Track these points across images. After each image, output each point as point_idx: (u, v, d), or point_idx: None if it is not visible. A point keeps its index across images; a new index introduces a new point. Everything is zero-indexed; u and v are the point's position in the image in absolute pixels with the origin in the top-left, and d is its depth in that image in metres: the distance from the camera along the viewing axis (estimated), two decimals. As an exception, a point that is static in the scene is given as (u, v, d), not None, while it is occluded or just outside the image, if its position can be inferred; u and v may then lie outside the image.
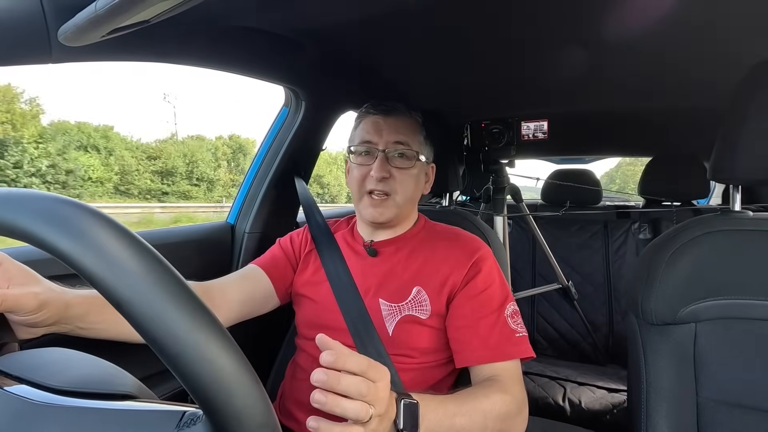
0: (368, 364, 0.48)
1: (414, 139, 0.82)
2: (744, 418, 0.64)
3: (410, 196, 0.83)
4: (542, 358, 1.80)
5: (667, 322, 0.69)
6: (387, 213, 0.80)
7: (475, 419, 0.60)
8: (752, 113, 0.67)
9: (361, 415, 0.46)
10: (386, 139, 0.80)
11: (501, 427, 0.63)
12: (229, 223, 1.21)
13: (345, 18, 0.84)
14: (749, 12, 0.78)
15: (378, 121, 0.82)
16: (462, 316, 0.75)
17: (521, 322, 0.76)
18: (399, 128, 0.81)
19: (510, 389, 0.67)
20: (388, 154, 0.80)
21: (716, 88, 1.18)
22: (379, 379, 0.48)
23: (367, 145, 0.81)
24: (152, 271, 0.27)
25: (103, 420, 0.34)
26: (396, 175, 0.80)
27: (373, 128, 0.81)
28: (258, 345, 1.07)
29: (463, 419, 0.59)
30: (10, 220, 0.27)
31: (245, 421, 0.27)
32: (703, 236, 0.69)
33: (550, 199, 2.01)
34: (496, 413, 0.63)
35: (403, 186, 0.80)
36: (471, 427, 0.60)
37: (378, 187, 0.79)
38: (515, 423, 0.66)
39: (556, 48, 0.97)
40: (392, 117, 0.82)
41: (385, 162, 0.79)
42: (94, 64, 0.70)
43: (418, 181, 0.84)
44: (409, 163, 0.81)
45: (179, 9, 0.44)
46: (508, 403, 0.65)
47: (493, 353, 0.71)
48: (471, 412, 0.61)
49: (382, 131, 0.80)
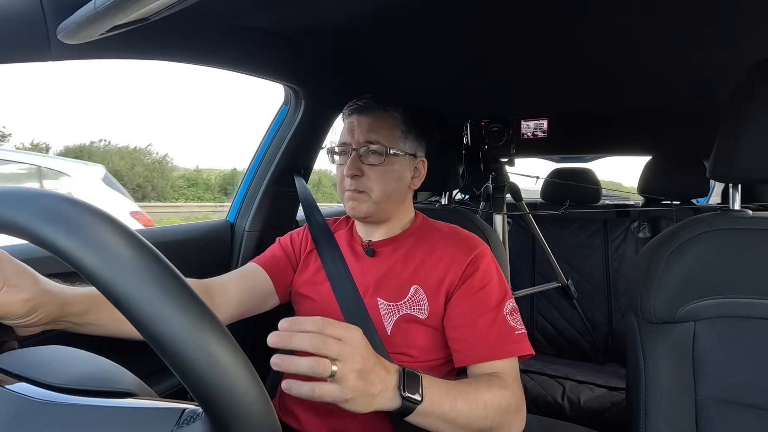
0: (325, 322, 0.50)
1: (388, 134, 0.82)
2: (742, 417, 0.64)
3: (388, 192, 0.82)
4: (541, 357, 1.80)
5: (666, 321, 0.69)
6: (362, 207, 0.81)
7: (476, 407, 0.61)
8: (752, 112, 0.67)
9: (317, 369, 0.47)
10: (357, 138, 0.81)
11: (501, 420, 0.63)
12: (228, 221, 1.21)
13: (345, 16, 0.84)
14: (749, 12, 0.78)
15: (353, 121, 0.83)
16: (460, 315, 0.75)
17: (520, 319, 0.76)
18: (371, 126, 0.82)
19: (509, 387, 0.68)
20: (360, 153, 0.81)
21: (716, 86, 1.18)
22: (344, 337, 0.50)
23: (342, 146, 0.84)
24: (151, 269, 0.27)
25: (102, 417, 0.34)
26: (369, 172, 0.80)
27: (348, 129, 0.83)
28: (258, 343, 1.06)
29: (465, 404, 0.60)
30: (10, 217, 0.27)
31: (245, 419, 0.27)
32: (702, 235, 0.69)
33: (550, 198, 2.01)
34: (496, 405, 0.63)
35: (377, 182, 0.80)
36: (471, 413, 0.61)
37: (352, 186, 0.80)
38: (514, 420, 0.66)
39: (556, 46, 0.97)
40: (364, 115, 0.83)
41: (357, 160, 0.80)
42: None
43: (400, 176, 0.83)
44: (379, 159, 0.81)
45: (178, 7, 0.43)
46: (508, 398, 0.65)
47: (492, 351, 0.72)
48: (473, 400, 0.62)
49: (354, 131, 0.82)
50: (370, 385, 0.51)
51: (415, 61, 1.09)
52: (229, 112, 52.43)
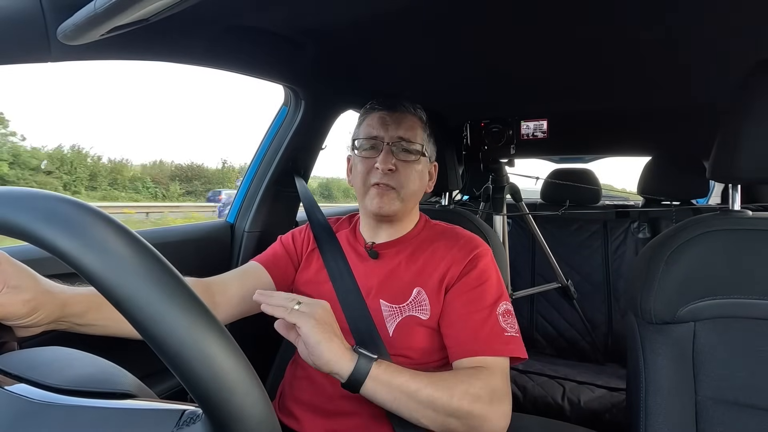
0: (293, 295, 0.63)
1: (418, 134, 0.83)
2: (742, 417, 0.64)
3: (414, 192, 0.83)
4: (541, 357, 1.80)
5: (666, 321, 0.69)
6: (392, 205, 0.80)
7: (440, 384, 0.63)
8: (752, 113, 0.67)
9: (284, 300, 0.61)
10: (391, 133, 0.81)
11: (470, 407, 0.62)
12: (228, 221, 1.21)
13: (345, 17, 0.84)
14: (749, 12, 0.78)
15: (383, 116, 0.82)
16: (454, 310, 0.75)
17: (513, 322, 0.75)
18: (404, 123, 0.82)
19: (487, 378, 0.67)
20: (393, 148, 0.80)
21: (716, 87, 1.18)
22: (306, 301, 0.62)
23: (372, 140, 0.82)
24: (151, 270, 0.27)
25: (102, 419, 0.34)
26: (401, 168, 0.80)
27: (378, 123, 0.82)
28: (258, 344, 1.07)
29: (426, 379, 0.63)
30: (9, 218, 0.27)
31: (245, 420, 0.27)
32: (702, 235, 0.69)
33: (550, 199, 2.01)
34: (463, 390, 0.63)
35: (408, 180, 0.81)
36: (434, 393, 0.62)
37: (383, 180, 0.79)
38: (489, 412, 0.64)
39: (556, 47, 0.97)
40: (397, 112, 0.82)
41: (390, 155, 0.80)
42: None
43: (422, 177, 0.85)
44: (413, 158, 0.81)
45: (178, 8, 0.43)
46: (479, 387, 0.64)
47: (478, 347, 0.71)
48: (436, 380, 0.64)
49: (387, 126, 0.81)
50: (329, 331, 0.61)
51: (415, 61, 1.09)
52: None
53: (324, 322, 0.61)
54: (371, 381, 0.61)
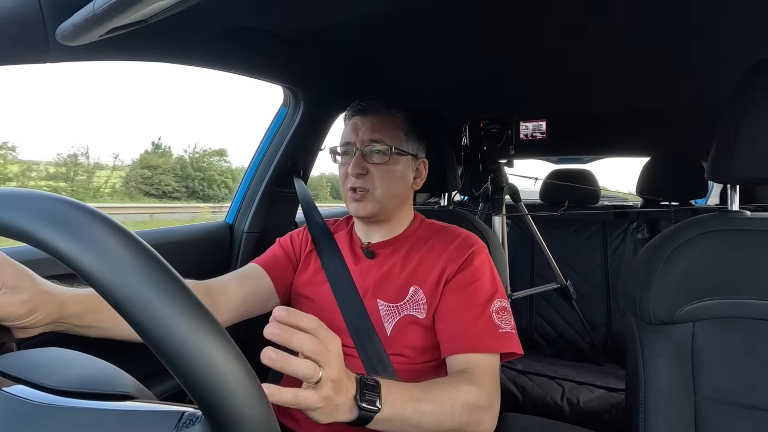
0: (319, 324, 0.49)
1: (391, 134, 0.83)
2: (741, 417, 0.64)
3: (392, 191, 0.83)
4: (540, 358, 1.80)
5: (665, 322, 0.69)
6: (368, 207, 0.81)
7: (442, 407, 0.60)
8: (750, 113, 0.67)
9: (310, 373, 0.46)
10: (362, 137, 0.82)
11: (469, 417, 0.62)
12: (227, 222, 1.21)
13: (344, 18, 0.84)
14: (749, 12, 0.79)
15: (356, 121, 0.84)
16: (447, 306, 0.76)
17: (509, 319, 0.76)
18: (375, 126, 0.82)
19: (480, 382, 0.67)
20: (365, 152, 0.81)
21: (715, 88, 1.18)
22: (330, 343, 0.49)
23: (346, 145, 0.84)
24: (151, 271, 0.27)
25: (101, 420, 0.34)
26: (373, 170, 0.81)
27: (351, 129, 0.84)
28: (257, 345, 1.06)
29: (429, 405, 0.59)
30: (7, 219, 0.27)
31: (244, 422, 0.27)
32: (701, 236, 0.69)
33: (549, 199, 2.02)
34: (463, 402, 0.62)
35: (381, 181, 0.81)
36: (437, 415, 0.59)
37: (356, 184, 0.81)
38: (484, 417, 0.65)
39: (555, 47, 0.97)
40: (368, 116, 0.83)
41: (361, 159, 0.81)
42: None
43: (402, 176, 0.84)
44: (383, 158, 0.81)
45: (177, 9, 0.43)
46: (477, 395, 0.64)
47: (470, 344, 0.71)
48: (437, 400, 0.60)
49: (358, 130, 0.82)
50: (338, 396, 0.50)
51: (413, 62, 1.09)
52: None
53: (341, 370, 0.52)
54: (374, 424, 0.56)
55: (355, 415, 0.53)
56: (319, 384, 0.48)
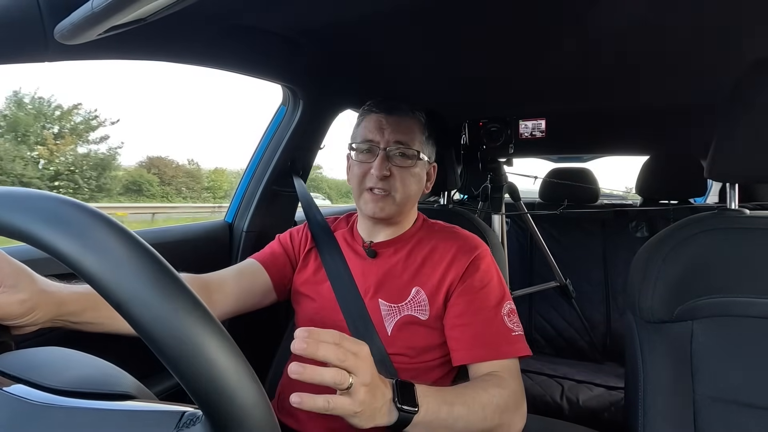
0: (342, 336, 0.50)
1: (415, 138, 0.82)
2: (741, 415, 0.64)
3: (411, 195, 0.83)
4: (540, 356, 1.80)
5: (664, 320, 0.69)
6: (387, 209, 0.80)
7: (474, 409, 0.61)
8: (749, 111, 0.67)
9: (338, 379, 0.48)
10: (388, 137, 0.80)
11: (500, 420, 0.63)
12: (227, 221, 1.21)
13: (343, 17, 0.83)
14: (749, 12, 0.79)
15: (380, 119, 0.81)
16: (459, 314, 0.75)
17: (518, 321, 0.77)
18: (401, 127, 0.81)
19: (508, 385, 0.68)
20: (389, 153, 0.80)
21: (714, 86, 1.18)
22: (357, 351, 0.50)
23: (368, 143, 0.81)
24: (151, 271, 0.27)
25: (101, 420, 0.34)
26: (396, 173, 0.80)
27: (375, 126, 0.81)
28: (257, 343, 1.07)
29: (462, 408, 0.60)
30: (7, 219, 0.27)
31: (245, 421, 0.27)
32: (699, 234, 0.69)
33: (548, 198, 2.02)
34: (494, 405, 0.63)
35: (403, 184, 0.80)
36: (470, 417, 0.60)
37: (378, 185, 0.79)
38: (514, 418, 0.66)
39: (554, 46, 0.97)
40: (394, 116, 0.82)
41: (386, 160, 0.79)
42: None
43: (420, 180, 0.84)
44: (409, 162, 0.81)
45: (176, 7, 0.43)
46: (506, 396, 0.65)
47: (489, 352, 0.72)
48: (470, 402, 0.61)
49: (384, 130, 0.80)
50: (375, 399, 0.52)
51: (413, 60, 1.09)
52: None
53: (374, 375, 0.52)
54: (412, 427, 0.57)
55: (394, 418, 0.54)
56: (352, 390, 0.49)
